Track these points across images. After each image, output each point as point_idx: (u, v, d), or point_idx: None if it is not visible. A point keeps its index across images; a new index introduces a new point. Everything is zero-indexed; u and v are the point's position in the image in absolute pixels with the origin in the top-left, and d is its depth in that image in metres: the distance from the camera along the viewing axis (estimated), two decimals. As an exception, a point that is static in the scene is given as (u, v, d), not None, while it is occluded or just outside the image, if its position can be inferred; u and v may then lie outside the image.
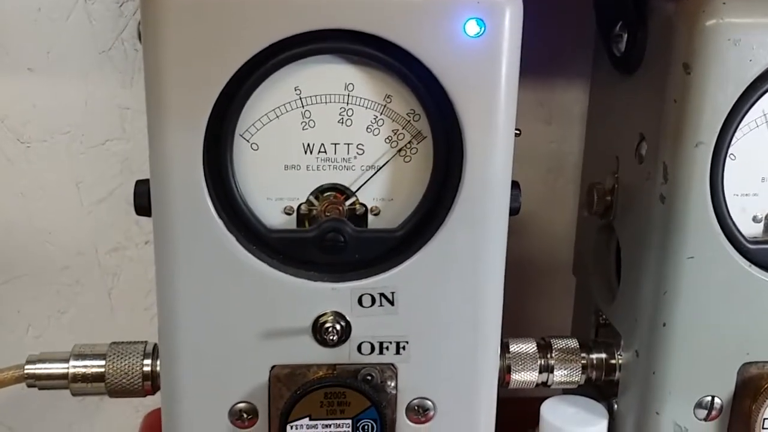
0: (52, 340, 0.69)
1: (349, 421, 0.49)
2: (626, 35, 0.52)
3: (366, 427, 0.50)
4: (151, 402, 0.57)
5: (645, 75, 0.52)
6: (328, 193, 0.49)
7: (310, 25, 0.44)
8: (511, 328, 0.54)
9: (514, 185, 0.49)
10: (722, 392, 0.53)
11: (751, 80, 0.47)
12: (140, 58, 0.63)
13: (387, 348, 0.50)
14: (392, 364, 0.50)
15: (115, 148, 0.66)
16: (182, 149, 0.45)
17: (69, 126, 0.65)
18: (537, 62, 0.61)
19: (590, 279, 0.62)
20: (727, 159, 0.49)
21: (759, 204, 0.51)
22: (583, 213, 0.63)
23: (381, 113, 0.47)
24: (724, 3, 0.46)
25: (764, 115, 0.50)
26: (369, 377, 0.50)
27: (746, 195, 0.51)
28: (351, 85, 0.47)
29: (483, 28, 0.44)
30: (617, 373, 0.56)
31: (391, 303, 0.49)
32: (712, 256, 0.50)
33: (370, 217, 0.49)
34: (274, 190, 0.48)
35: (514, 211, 0.50)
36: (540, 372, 0.55)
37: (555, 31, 0.63)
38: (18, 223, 0.67)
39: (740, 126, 0.49)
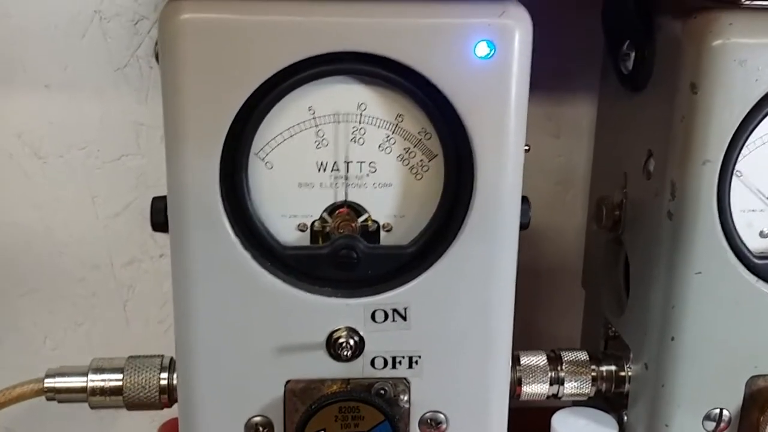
0: (69, 352, 0.70)
1: (364, 435, 0.50)
2: (634, 54, 0.53)
3: (380, 440, 0.50)
4: (167, 412, 0.58)
5: (652, 93, 0.52)
6: (341, 211, 0.49)
7: (324, 47, 0.45)
8: (521, 340, 0.55)
9: (524, 200, 0.50)
10: (730, 405, 0.53)
11: (757, 99, 0.48)
12: (155, 75, 0.64)
13: (400, 362, 0.50)
14: (405, 378, 0.51)
15: (130, 163, 0.67)
16: (199, 168, 0.46)
17: (85, 141, 0.66)
18: (545, 77, 0.61)
19: (599, 291, 0.63)
20: (734, 176, 0.50)
21: (765, 219, 0.52)
22: (592, 226, 0.64)
23: (393, 132, 0.48)
24: (730, 24, 0.47)
25: (770, 132, 0.50)
26: (382, 391, 0.50)
27: (753, 211, 0.51)
28: (363, 105, 0.47)
29: (493, 50, 0.45)
30: (627, 386, 0.57)
31: (404, 318, 0.50)
32: (720, 272, 0.51)
33: (382, 233, 0.50)
34: (289, 208, 0.49)
35: (523, 226, 0.50)
36: (550, 384, 0.56)
37: (563, 47, 0.64)
38: (35, 237, 0.67)
39: (746, 143, 0.49)
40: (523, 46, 0.46)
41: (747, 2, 0.49)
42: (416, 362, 0.50)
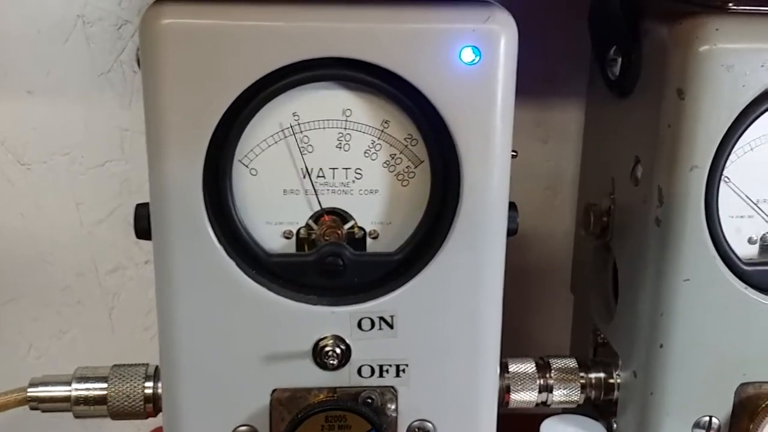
0: (54, 361, 0.70)
1: (350, 444, 0.50)
2: (621, 59, 0.53)
3: (367, 449, 0.50)
4: (152, 421, 0.58)
5: (639, 99, 0.52)
6: (327, 218, 0.49)
7: (309, 53, 0.45)
8: (510, 346, 0.54)
9: (511, 206, 0.49)
10: (720, 412, 0.53)
11: (744, 105, 0.48)
12: (139, 80, 0.63)
13: (387, 371, 0.50)
14: (392, 387, 0.50)
15: (114, 168, 0.66)
16: (182, 175, 0.46)
17: (69, 147, 0.65)
18: (533, 82, 0.61)
19: (588, 297, 0.63)
20: (722, 182, 0.50)
21: (753, 226, 0.52)
22: (580, 232, 0.64)
23: (379, 138, 0.48)
24: (717, 29, 0.47)
25: (758, 138, 0.50)
26: (369, 400, 0.50)
27: (741, 217, 0.51)
28: (349, 111, 0.47)
29: (478, 56, 0.45)
30: (616, 393, 0.57)
31: (391, 326, 0.49)
32: (708, 278, 0.51)
33: (368, 240, 0.49)
34: (274, 215, 0.49)
35: (511, 232, 0.50)
36: (539, 392, 0.56)
37: (551, 52, 0.64)
38: (18, 244, 0.67)
39: (734, 149, 0.49)
40: (509, 52, 0.45)
41: (734, 7, 0.50)
42: (403, 371, 0.50)
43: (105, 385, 0.54)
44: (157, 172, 0.46)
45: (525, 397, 0.55)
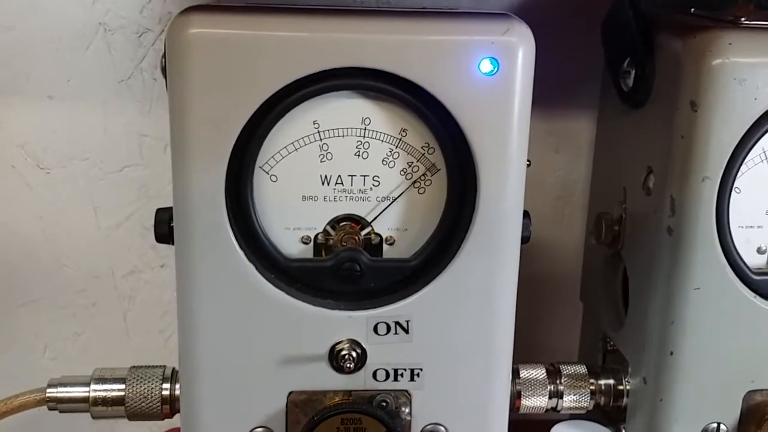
0: (69, 362, 0.71)
1: (365, 447, 0.51)
2: (634, 71, 0.54)
3: (381, 452, 0.51)
4: (166, 423, 0.58)
5: (652, 110, 0.53)
6: (345, 223, 0.50)
7: (330, 63, 0.46)
8: (520, 352, 0.55)
9: (525, 214, 0.50)
10: (728, 419, 0.54)
11: (756, 118, 0.49)
12: (158, 87, 0.65)
13: (401, 375, 0.51)
14: (406, 391, 0.51)
15: (132, 174, 0.67)
16: (205, 181, 0.47)
17: (88, 152, 0.66)
18: (546, 92, 0.62)
19: (598, 305, 0.63)
20: (733, 192, 0.51)
21: (763, 236, 0.53)
22: (591, 241, 0.64)
23: (396, 146, 0.49)
24: (730, 43, 0.48)
25: (768, 150, 0.51)
26: (384, 403, 0.51)
27: (751, 227, 0.52)
28: (368, 120, 0.48)
29: (497, 67, 0.46)
30: (625, 399, 0.58)
31: (406, 331, 0.50)
32: (718, 288, 0.51)
33: (385, 246, 0.50)
34: (293, 220, 0.50)
35: (524, 240, 0.51)
36: (550, 397, 0.56)
37: (564, 63, 0.65)
38: (37, 247, 0.68)
39: (745, 161, 0.50)
40: (526, 63, 0.46)
41: (746, 22, 0.50)
42: (418, 375, 0.51)
43: (123, 387, 0.54)
44: (181, 177, 0.47)
45: (535, 402, 0.56)
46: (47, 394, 0.55)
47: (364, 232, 0.50)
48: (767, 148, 0.51)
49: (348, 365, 0.49)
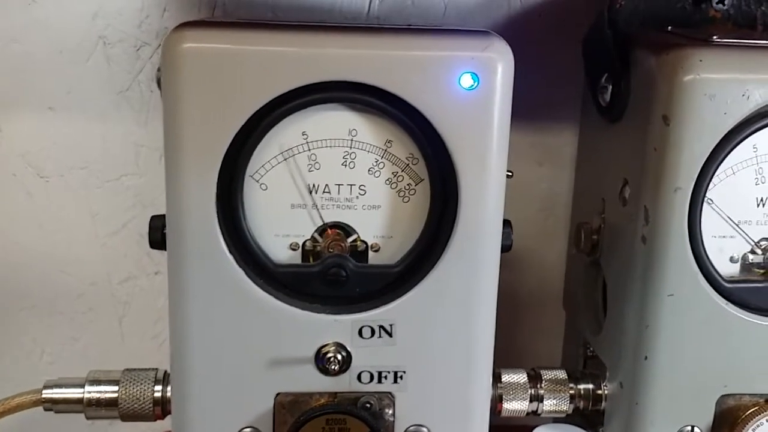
0: (65, 366, 0.71)
1: (349, 447, 0.52)
2: (611, 87, 0.55)
3: (365, 452, 0.52)
4: (159, 426, 0.60)
5: (628, 124, 0.55)
6: (331, 231, 0.51)
7: (318, 76, 0.47)
8: (503, 359, 0.57)
9: (506, 224, 0.52)
10: (701, 422, 0.55)
11: (726, 132, 0.50)
12: (155, 99, 0.66)
13: (385, 377, 0.52)
14: (390, 393, 0.52)
15: (129, 182, 0.68)
16: (197, 189, 0.48)
17: (86, 162, 0.67)
18: (530, 107, 0.63)
19: (579, 312, 0.64)
20: (705, 203, 0.52)
21: (735, 245, 0.54)
22: (572, 250, 0.66)
23: (382, 157, 0.50)
24: (701, 60, 0.49)
25: (739, 163, 0.52)
26: (368, 405, 0.52)
27: (723, 237, 0.53)
28: (354, 131, 0.50)
29: (477, 82, 0.48)
30: (603, 403, 0.59)
31: (390, 335, 0.51)
32: (691, 294, 0.52)
33: (370, 253, 0.52)
34: (281, 227, 0.51)
35: (506, 248, 0.52)
36: (530, 401, 0.57)
37: (549, 79, 0.66)
38: (36, 254, 0.69)
39: (717, 173, 0.51)
40: (505, 78, 0.48)
41: (717, 40, 0.52)
42: (401, 377, 0.52)
43: (116, 388, 0.55)
44: (174, 185, 0.49)
45: (516, 406, 0.57)
46: (43, 395, 0.56)
47: (350, 240, 0.51)
48: (738, 161, 0.52)
49: (333, 367, 0.51)
